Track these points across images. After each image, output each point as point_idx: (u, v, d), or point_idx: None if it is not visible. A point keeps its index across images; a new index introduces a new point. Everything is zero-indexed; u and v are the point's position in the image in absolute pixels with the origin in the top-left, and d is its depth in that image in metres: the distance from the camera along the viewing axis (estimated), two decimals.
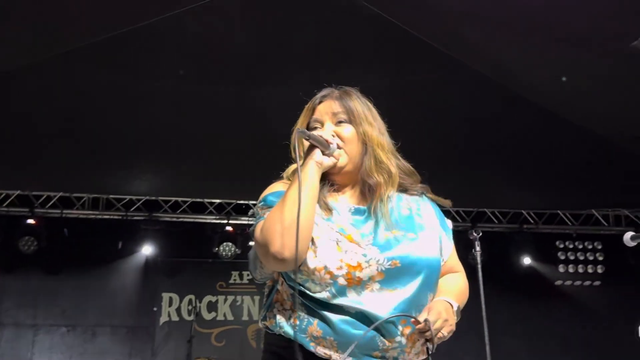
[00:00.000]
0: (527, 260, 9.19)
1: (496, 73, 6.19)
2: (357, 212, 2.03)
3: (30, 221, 8.59)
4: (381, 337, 1.88)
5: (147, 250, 8.95)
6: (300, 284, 1.92)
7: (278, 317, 1.98)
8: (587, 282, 9.27)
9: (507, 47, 5.78)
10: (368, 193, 2.04)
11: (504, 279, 8.71)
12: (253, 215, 9.24)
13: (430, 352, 1.94)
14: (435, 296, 2.01)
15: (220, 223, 9.04)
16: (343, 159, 2.01)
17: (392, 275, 1.91)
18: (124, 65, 6.04)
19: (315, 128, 2.09)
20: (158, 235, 8.94)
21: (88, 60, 5.85)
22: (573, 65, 5.90)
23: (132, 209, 8.96)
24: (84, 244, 8.96)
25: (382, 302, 1.88)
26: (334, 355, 1.87)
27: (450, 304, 2.00)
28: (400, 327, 1.89)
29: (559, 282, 9.29)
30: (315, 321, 1.90)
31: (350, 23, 5.51)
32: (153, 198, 8.95)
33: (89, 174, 8.20)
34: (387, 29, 5.40)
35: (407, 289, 1.92)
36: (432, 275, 1.99)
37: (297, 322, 1.92)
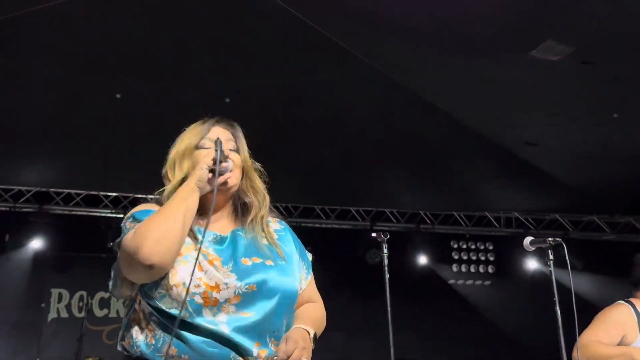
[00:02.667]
0: (423, 260, 9.41)
1: (399, 76, 6.30)
2: (221, 241, 2.11)
3: None
4: (237, 357, 1.95)
5: (36, 244, 8.65)
6: (156, 301, 1.97)
7: (135, 336, 2.01)
8: (479, 282, 9.57)
9: (411, 51, 5.91)
10: (241, 213, 2.19)
11: (401, 277, 8.88)
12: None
13: None
14: (292, 323, 2.11)
15: (115, 217, 8.84)
16: (232, 180, 2.11)
17: (248, 299, 1.99)
18: (12, 51, 5.83)
19: (206, 147, 2.16)
20: (48, 228, 8.66)
21: None
22: (473, 72, 6.10)
23: (20, 201, 8.65)
24: None
25: (236, 324, 1.96)
26: None
27: (307, 331, 2.08)
28: (255, 350, 1.97)
29: (452, 282, 9.55)
30: (170, 340, 1.93)
31: (253, 17, 5.50)
32: (44, 189, 8.66)
33: None
34: (291, 24, 5.41)
35: (263, 313, 2.01)
36: (288, 301, 2.09)
37: (153, 342, 1.97)
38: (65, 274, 9.09)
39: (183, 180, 2.09)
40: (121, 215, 8.78)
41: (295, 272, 2.18)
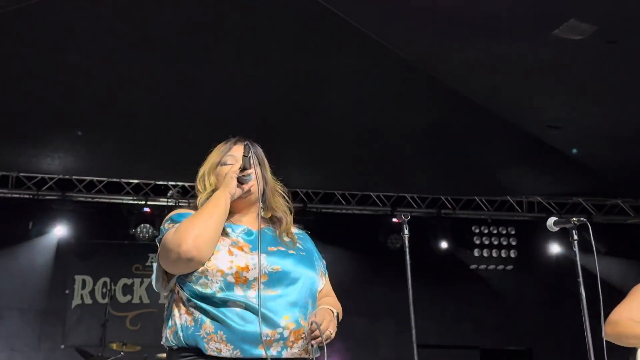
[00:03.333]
0: (444, 245, 9.39)
1: (420, 60, 6.26)
2: (249, 232, 2.42)
3: None
4: (265, 328, 2.19)
5: (59, 231, 8.71)
6: (192, 284, 2.27)
7: (177, 322, 2.28)
8: (501, 267, 9.53)
9: (432, 35, 5.85)
10: (268, 223, 2.53)
11: (422, 262, 8.84)
12: (172, 197, 9.16)
13: (315, 349, 2.32)
14: (313, 303, 2.40)
15: (137, 204, 8.91)
16: (254, 188, 2.44)
17: (274, 278, 2.29)
18: (35, 38, 5.84)
19: (228, 163, 2.51)
20: (71, 215, 8.71)
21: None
22: (494, 54, 6.04)
23: (43, 188, 8.72)
24: None
25: (268, 297, 2.25)
26: (224, 348, 2.18)
27: (331, 310, 2.40)
28: (284, 322, 2.23)
29: (474, 267, 9.52)
30: (208, 319, 2.22)
31: (277, 2, 5.47)
32: (66, 177, 8.73)
33: None
34: (314, 10, 5.38)
35: (289, 291, 2.31)
36: (310, 284, 2.40)
37: (193, 324, 2.24)
38: (89, 260, 9.17)
39: (214, 190, 2.43)
40: (142, 202, 8.87)
41: (314, 263, 2.51)
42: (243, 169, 2.38)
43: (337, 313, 2.44)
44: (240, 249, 2.31)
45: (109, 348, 7.34)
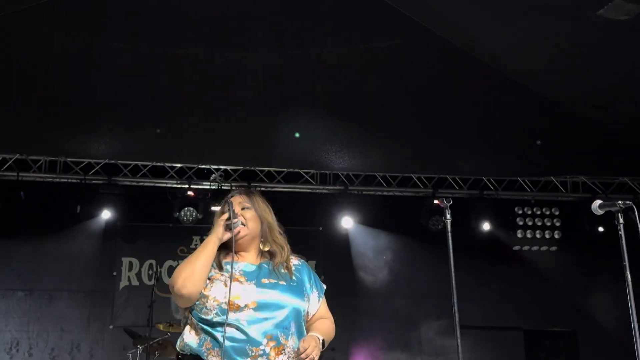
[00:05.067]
0: (486, 226, 9.32)
1: (461, 41, 6.22)
2: (246, 269, 2.90)
3: None
4: (249, 346, 2.68)
5: (106, 214, 8.86)
6: (197, 312, 2.80)
7: (186, 339, 2.83)
8: (544, 248, 9.45)
9: (473, 15, 5.80)
10: (268, 257, 2.96)
11: (464, 244, 8.78)
12: (214, 180, 9.30)
13: None
14: (296, 325, 2.82)
15: (181, 187, 9.00)
16: (243, 231, 2.92)
17: (262, 304, 2.75)
18: (79, 25, 5.93)
19: (225, 211, 2.96)
20: (117, 199, 8.85)
21: (45, 19, 5.72)
22: (538, 34, 5.97)
23: (90, 173, 8.85)
24: (41, 207, 8.89)
25: (253, 321, 2.71)
26: None
27: (317, 337, 2.82)
28: (265, 340, 2.69)
29: (517, 248, 9.45)
30: (209, 338, 2.75)
31: None
32: (112, 162, 8.85)
33: (45, 136, 8.10)
34: None
35: (274, 315, 2.75)
36: (294, 309, 2.82)
37: (199, 341, 2.77)
38: (135, 243, 9.34)
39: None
40: (186, 186, 8.96)
41: (302, 292, 2.93)
42: (228, 218, 2.86)
43: (323, 339, 2.85)
44: (236, 280, 2.80)
45: (156, 329, 7.44)
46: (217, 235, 2.89)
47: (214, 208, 8.58)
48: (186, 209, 8.77)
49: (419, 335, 9.45)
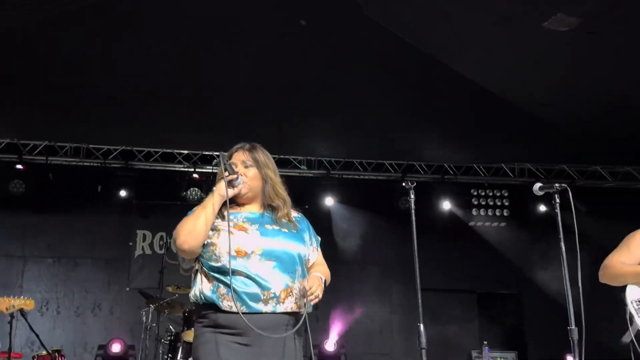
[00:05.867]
0: (446, 205, 9.38)
1: (419, 41, 6.16)
2: (247, 216, 2.63)
3: (19, 166, 8.41)
4: (261, 290, 2.44)
5: (123, 193, 8.83)
6: (207, 260, 2.54)
7: (200, 287, 2.55)
8: (495, 224, 9.51)
9: (442, 25, 5.77)
10: (271, 212, 2.68)
11: (428, 220, 8.88)
12: (216, 165, 9.21)
13: (308, 305, 2.53)
14: (301, 269, 2.61)
15: (187, 171, 8.98)
16: (244, 189, 2.62)
17: (268, 251, 2.51)
18: (106, 26, 5.80)
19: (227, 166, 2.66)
20: (133, 180, 8.82)
21: (73, 21, 5.62)
22: (493, 39, 5.96)
23: (109, 158, 8.82)
24: (67, 187, 8.85)
25: (261, 267, 2.48)
26: (234, 306, 2.41)
27: (320, 277, 2.62)
28: (274, 284, 2.46)
29: (472, 224, 9.53)
30: (221, 285, 2.47)
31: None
32: (128, 148, 8.82)
33: (71, 126, 8.06)
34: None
35: (280, 260, 2.51)
36: (297, 255, 2.59)
37: (212, 287, 2.50)
38: (148, 218, 9.31)
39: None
40: (192, 170, 8.95)
41: (304, 240, 2.68)
42: (229, 175, 2.57)
43: (325, 279, 2.67)
44: (241, 228, 2.55)
45: (165, 290, 7.44)
46: (220, 192, 2.56)
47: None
48: (192, 189, 8.75)
49: (390, 295, 9.55)
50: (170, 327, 7.34)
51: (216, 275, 2.50)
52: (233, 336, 2.44)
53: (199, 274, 2.58)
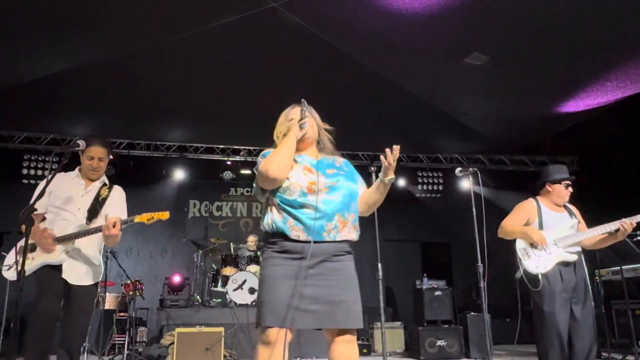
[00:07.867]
0: (401, 182, 9.40)
1: (386, 74, 6.09)
2: (310, 161, 2.27)
3: (110, 157, 8.31)
4: (325, 221, 2.12)
5: (179, 175, 8.80)
6: (281, 194, 2.17)
7: (272, 218, 2.17)
8: (433, 195, 9.54)
9: (395, 58, 5.68)
10: (324, 153, 2.35)
11: (389, 194, 8.74)
12: (242, 155, 9.06)
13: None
14: (354, 204, 2.27)
15: (222, 159, 8.93)
16: (309, 133, 2.29)
17: (332, 188, 2.18)
18: (172, 60, 5.71)
19: (291, 118, 2.34)
20: (186, 167, 8.78)
21: (153, 55, 5.54)
22: (432, 68, 5.93)
23: (171, 150, 8.74)
24: (141, 171, 8.75)
25: (327, 201, 2.15)
26: (302, 235, 2.10)
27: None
28: (336, 216, 2.15)
29: (418, 195, 9.55)
30: (291, 218, 2.12)
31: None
32: (183, 144, 8.74)
33: (145, 127, 8.01)
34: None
35: (340, 196, 2.19)
36: (352, 191, 2.27)
37: (282, 219, 2.13)
38: (196, 192, 9.23)
39: (284, 135, 2.28)
40: (225, 158, 8.88)
41: (355, 178, 2.35)
42: (301, 118, 2.25)
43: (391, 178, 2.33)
44: (309, 170, 2.20)
45: (209, 241, 7.50)
46: (295, 132, 2.22)
47: (243, 171, 8.62)
48: (226, 172, 8.73)
49: (361, 246, 9.56)
50: (213, 265, 7.39)
51: (287, 207, 2.13)
52: (298, 260, 2.09)
53: (270, 207, 2.20)
